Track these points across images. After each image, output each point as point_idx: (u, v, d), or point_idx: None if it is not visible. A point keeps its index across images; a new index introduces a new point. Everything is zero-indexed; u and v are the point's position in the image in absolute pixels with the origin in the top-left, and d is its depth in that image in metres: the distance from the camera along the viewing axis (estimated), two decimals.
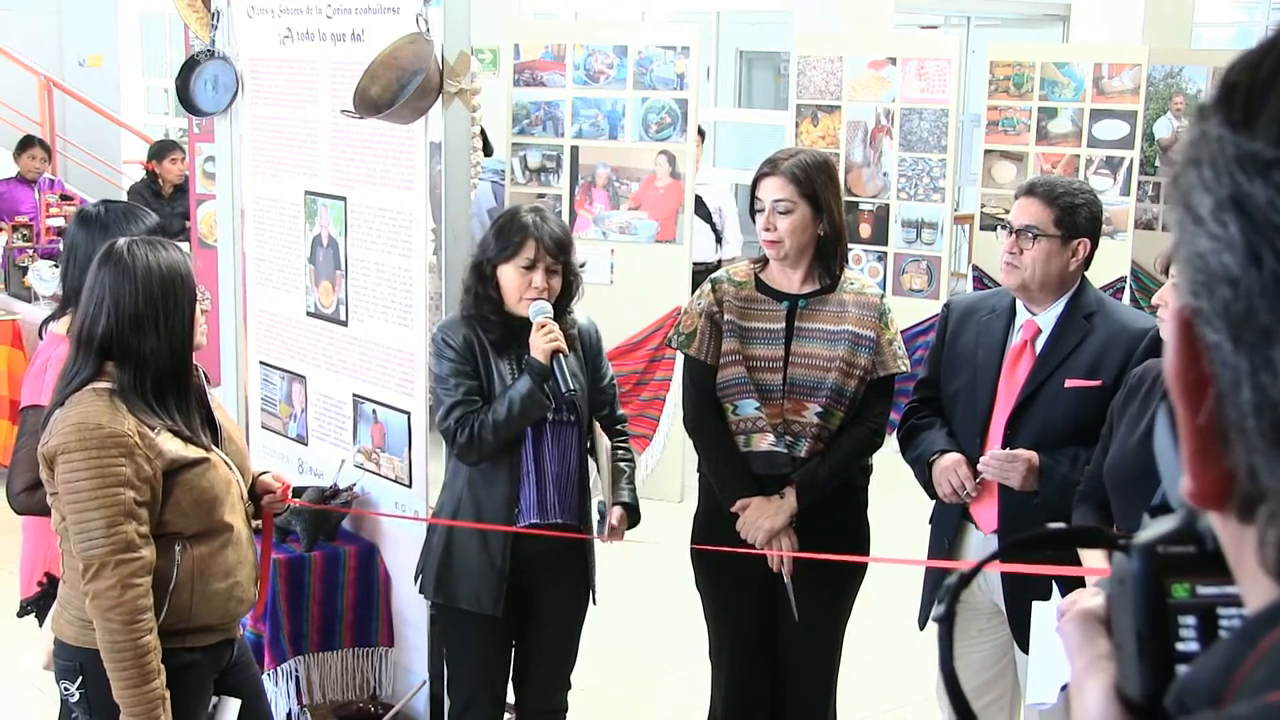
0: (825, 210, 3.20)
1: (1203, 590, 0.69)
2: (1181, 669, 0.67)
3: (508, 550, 3.26)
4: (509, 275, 3.19)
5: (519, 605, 3.35)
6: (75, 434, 2.61)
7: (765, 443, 3.23)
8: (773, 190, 3.20)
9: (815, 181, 3.18)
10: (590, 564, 3.42)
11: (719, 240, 7.45)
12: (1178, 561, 0.69)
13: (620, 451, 3.39)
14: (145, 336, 2.68)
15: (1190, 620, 0.68)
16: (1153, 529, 0.71)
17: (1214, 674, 0.61)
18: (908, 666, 4.50)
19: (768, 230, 3.21)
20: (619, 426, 3.44)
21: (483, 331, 3.23)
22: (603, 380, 3.40)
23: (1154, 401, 2.75)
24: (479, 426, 3.16)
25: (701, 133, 7.51)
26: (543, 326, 3.17)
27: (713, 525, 3.34)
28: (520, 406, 3.16)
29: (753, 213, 3.28)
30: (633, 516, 3.35)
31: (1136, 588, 0.70)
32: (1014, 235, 3.02)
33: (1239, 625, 0.66)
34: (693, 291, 5.99)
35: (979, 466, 3.05)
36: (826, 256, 3.25)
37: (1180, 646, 0.68)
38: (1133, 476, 2.70)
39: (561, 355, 3.15)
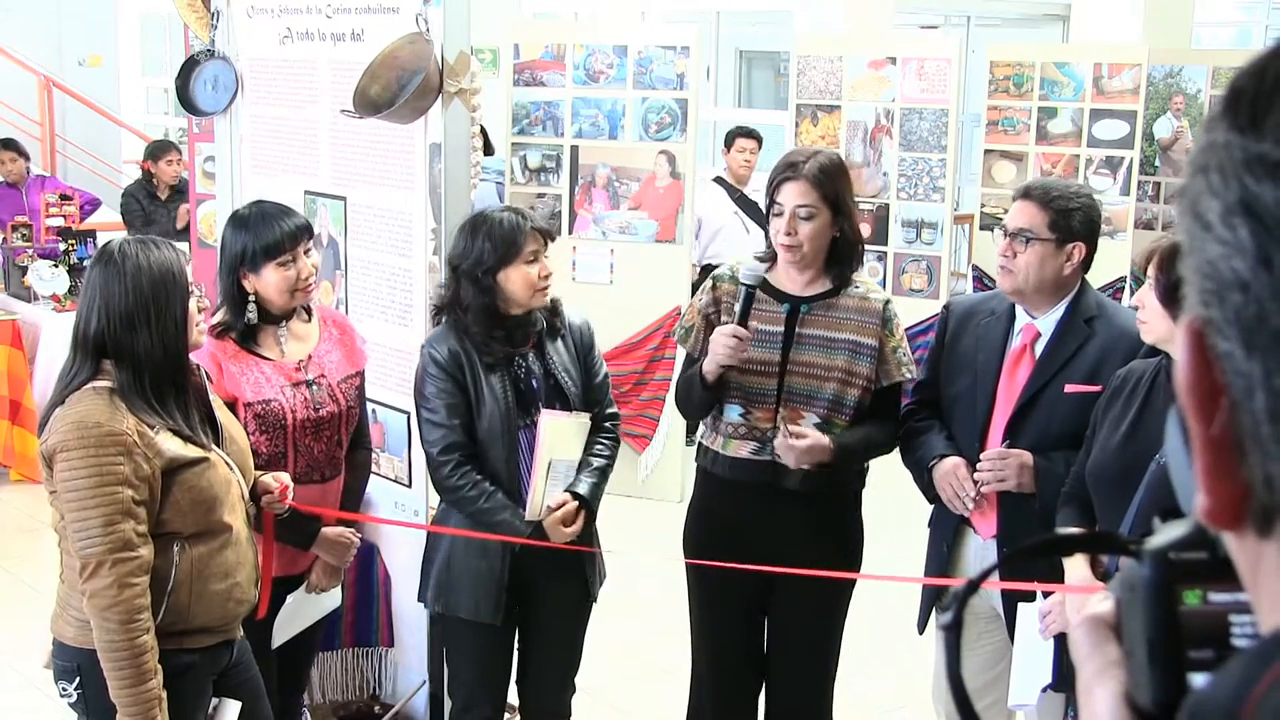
0: (845, 214, 3.16)
1: (1215, 597, 0.67)
2: (1193, 677, 0.66)
3: (507, 558, 3.25)
4: (516, 275, 3.16)
5: (522, 607, 3.34)
6: (74, 432, 2.60)
7: (745, 450, 3.20)
8: (796, 195, 3.11)
9: (838, 185, 3.13)
10: (589, 565, 3.39)
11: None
12: (1190, 568, 0.68)
13: (598, 446, 3.33)
14: (138, 335, 2.68)
15: (1202, 628, 0.67)
16: (1164, 534, 0.70)
17: (1229, 693, 0.60)
18: (904, 669, 4.50)
19: (789, 235, 3.12)
20: (607, 424, 3.38)
21: (479, 350, 3.19)
22: (595, 378, 3.36)
23: (1135, 403, 2.74)
24: (466, 485, 3.17)
25: (759, 137, 7.44)
26: (567, 526, 3.21)
27: (704, 522, 3.33)
28: (486, 526, 3.19)
29: (769, 216, 3.21)
30: (585, 509, 3.26)
31: (1147, 594, 0.68)
32: (1008, 238, 3.01)
33: (1256, 644, 0.64)
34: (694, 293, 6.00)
35: (975, 478, 3.04)
36: (839, 258, 3.20)
37: (1192, 654, 0.66)
38: (1114, 478, 2.70)
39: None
